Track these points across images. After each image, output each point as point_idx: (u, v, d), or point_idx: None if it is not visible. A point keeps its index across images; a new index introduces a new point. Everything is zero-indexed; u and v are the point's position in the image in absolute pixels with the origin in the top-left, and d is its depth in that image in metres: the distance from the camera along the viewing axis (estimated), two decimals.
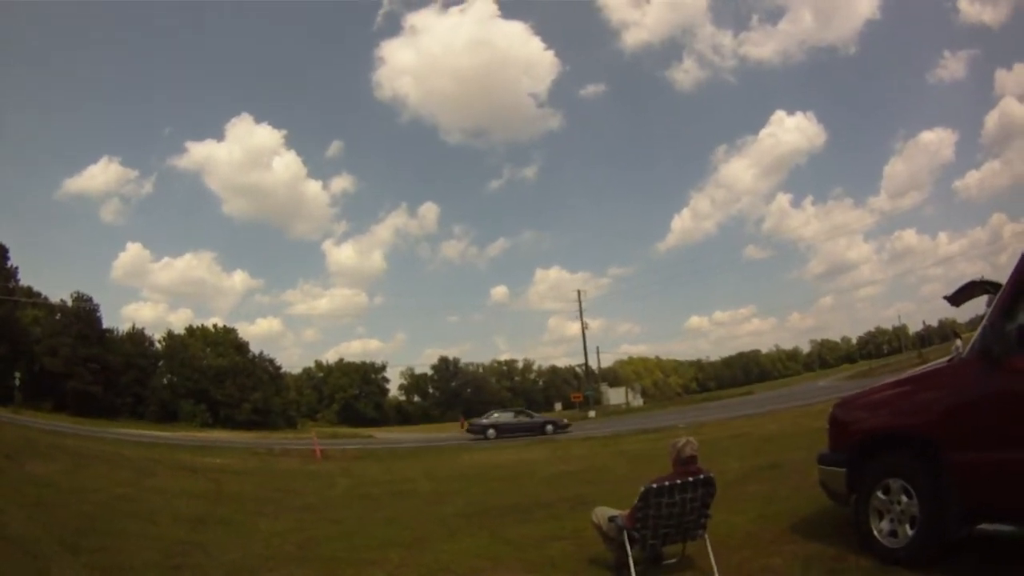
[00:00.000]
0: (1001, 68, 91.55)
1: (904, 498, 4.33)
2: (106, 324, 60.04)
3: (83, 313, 57.23)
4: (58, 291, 60.69)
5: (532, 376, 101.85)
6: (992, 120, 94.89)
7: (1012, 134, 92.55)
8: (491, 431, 30.02)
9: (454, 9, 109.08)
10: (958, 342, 17.56)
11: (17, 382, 49.60)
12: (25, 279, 57.79)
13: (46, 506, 8.31)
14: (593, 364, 63.84)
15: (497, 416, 33.00)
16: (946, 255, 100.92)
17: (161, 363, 62.22)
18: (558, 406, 61.61)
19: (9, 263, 54.80)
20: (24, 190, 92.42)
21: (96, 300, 59.37)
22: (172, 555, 5.98)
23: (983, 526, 3.90)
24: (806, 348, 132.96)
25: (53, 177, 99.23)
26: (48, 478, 11.00)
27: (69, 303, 58.19)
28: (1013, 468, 3.77)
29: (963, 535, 3.99)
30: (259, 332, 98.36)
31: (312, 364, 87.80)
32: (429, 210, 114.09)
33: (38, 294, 59.35)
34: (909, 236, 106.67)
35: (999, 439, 3.87)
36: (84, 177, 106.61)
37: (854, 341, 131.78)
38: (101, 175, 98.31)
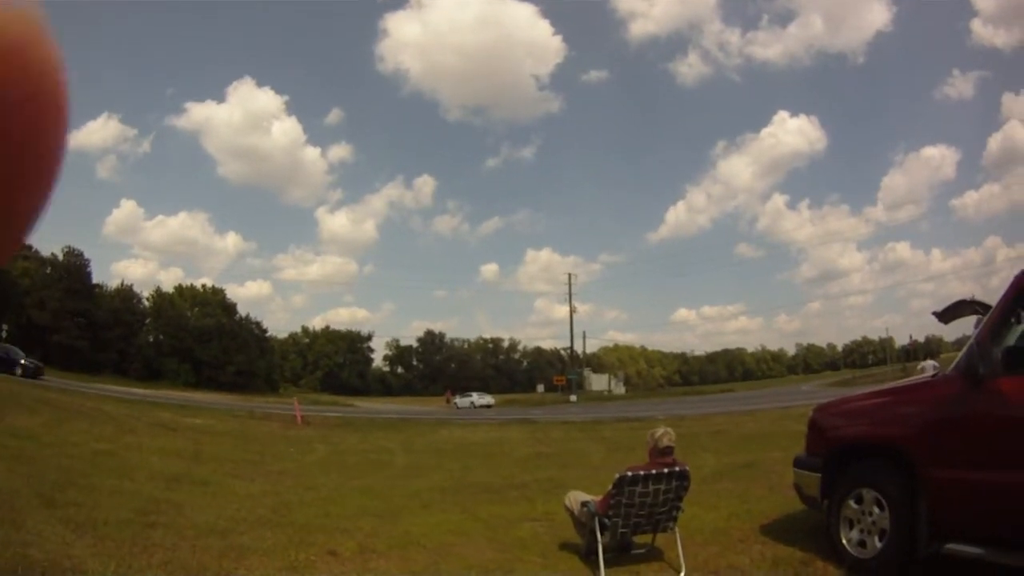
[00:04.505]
0: (1009, 92, 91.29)
1: (876, 509, 4.31)
2: (96, 280, 59.73)
3: (73, 268, 56.70)
4: (49, 245, 59.92)
5: (516, 356, 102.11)
6: (995, 142, 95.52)
7: (1015, 159, 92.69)
8: None
9: None
10: (926, 363, 17.41)
11: (4, 334, 49.26)
12: None
13: (26, 459, 8.29)
14: (578, 349, 64.29)
15: None
16: (938, 272, 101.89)
17: (148, 321, 61.92)
18: (540, 388, 61.88)
19: None
20: None
21: (87, 255, 58.85)
22: (146, 512, 5.96)
23: (952, 546, 3.85)
24: (791, 351, 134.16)
25: None
26: (30, 431, 10.97)
27: (60, 257, 57.62)
28: (986, 489, 3.75)
29: (932, 552, 3.94)
30: (248, 295, 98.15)
31: (299, 329, 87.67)
32: (425, 184, 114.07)
33: (28, 247, 58.43)
34: (903, 249, 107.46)
35: (975, 459, 3.85)
36: (82, 133, 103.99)
37: (839, 348, 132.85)
38: (99, 131, 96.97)
